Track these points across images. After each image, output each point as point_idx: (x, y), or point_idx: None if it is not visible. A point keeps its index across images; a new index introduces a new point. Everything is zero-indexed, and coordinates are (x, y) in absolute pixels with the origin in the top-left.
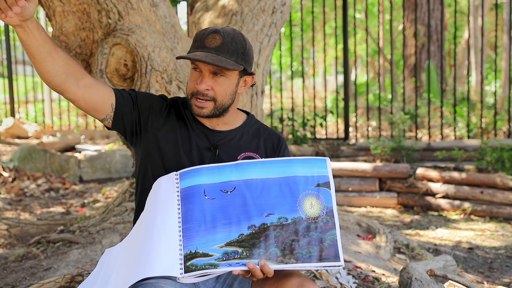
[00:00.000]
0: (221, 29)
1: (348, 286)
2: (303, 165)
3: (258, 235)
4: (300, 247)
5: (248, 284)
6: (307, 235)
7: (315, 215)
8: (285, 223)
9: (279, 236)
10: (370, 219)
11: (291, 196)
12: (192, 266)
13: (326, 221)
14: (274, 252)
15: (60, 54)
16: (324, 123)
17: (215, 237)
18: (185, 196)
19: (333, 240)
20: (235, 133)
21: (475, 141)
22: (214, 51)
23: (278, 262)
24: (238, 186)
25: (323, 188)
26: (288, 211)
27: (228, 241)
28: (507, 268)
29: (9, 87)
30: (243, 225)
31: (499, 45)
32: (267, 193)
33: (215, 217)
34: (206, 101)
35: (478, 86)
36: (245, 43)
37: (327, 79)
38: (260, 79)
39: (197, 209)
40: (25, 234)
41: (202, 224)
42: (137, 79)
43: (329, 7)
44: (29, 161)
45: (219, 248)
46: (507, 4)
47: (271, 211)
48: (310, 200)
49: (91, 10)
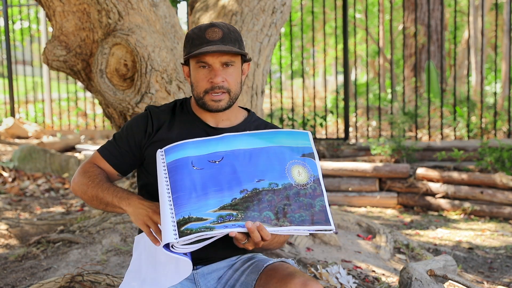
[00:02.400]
0: (214, 22)
1: (348, 286)
2: (287, 137)
3: (251, 198)
4: (293, 211)
5: (251, 285)
6: (298, 200)
7: (304, 182)
8: (276, 188)
9: (272, 200)
10: (370, 219)
11: (279, 164)
12: (187, 230)
13: (314, 188)
14: (268, 215)
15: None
16: (324, 123)
17: (207, 202)
18: (172, 168)
19: (322, 206)
20: (236, 130)
21: (475, 141)
22: (220, 42)
23: (273, 225)
24: (225, 156)
25: (308, 158)
26: (278, 178)
27: (222, 205)
28: (507, 268)
29: (9, 87)
30: (235, 190)
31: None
32: (256, 161)
33: (205, 185)
34: (222, 93)
35: (478, 86)
36: (239, 32)
37: (327, 79)
38: (260, 79)
39: (186, 179)
40: (25, 234)
41: (193, 192)
42: (137, 79)
43: (329, 7)
44: (29, 161)
45: (213, 212)
46: (507, 4)
47: (261, 177)
48: (297, 168)
49: (91, 10)
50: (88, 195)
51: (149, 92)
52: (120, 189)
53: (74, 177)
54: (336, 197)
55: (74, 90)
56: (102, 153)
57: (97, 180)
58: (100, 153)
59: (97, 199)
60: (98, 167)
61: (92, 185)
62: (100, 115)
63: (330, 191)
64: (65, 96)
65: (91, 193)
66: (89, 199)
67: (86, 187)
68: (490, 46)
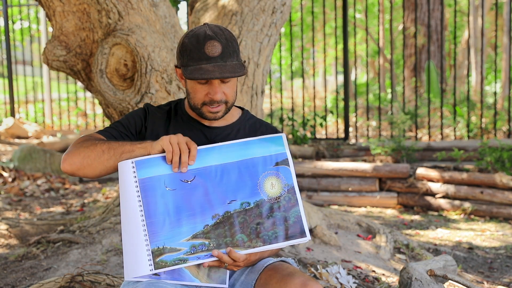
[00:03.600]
0: (211, 33)
1: (348, 286)
2: (260, 145)
3: (223, 224)
4: (266, 229)
5: (250, 285)
6: (271, 216)
7: (277, 195)
8: (248, 207)
9: (244, 221)
10: (370, 219)
11: (251, 179)
12: (162, 262)
13: (289, 199)
14: (241, 238)
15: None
16: (324, 123)
17: (180, 230)
18: (144, 187)
19: (297, 216)
20: (231, 129)
21: (475, 141)
22: (220, 59)
23: (246, 247)
24: (197, 174)
25: (282, 166)
26: (250, 195)
27: (194, 233)
28: (507, 268)
29: (9, 87)
30: (207, 215)
31: (499, 45)
32: (227, 179)
33: (178, 209)
34: (220, 106)
35: (478, 86)
36: (234, 36)
37: (327, 79)
38: (260, 79)
39: (160, 202)
40: (25, 234)
41: (167, 218)
42: (137, 79)
43: (329, 7)
44: (29, 161)
45: (186, 242)
46: (507, 4)
47: (233, 198)
48: (271, 180)
49: (91, 10)
50: (96, 152)
51: (149, 92)
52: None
53: (68, 151)
54: (336, 197)
55: (74, 90)
56: (103, 134)
57: (104, 140)
58: (100, 134)
59: (110, 150)
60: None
61: (101, 142)
62: (100, 115)
63: (330, 191)
64: (65, 96)
65: (100, 148)
66: (97, 156)
67: (93, 146)
68: (490, 46)
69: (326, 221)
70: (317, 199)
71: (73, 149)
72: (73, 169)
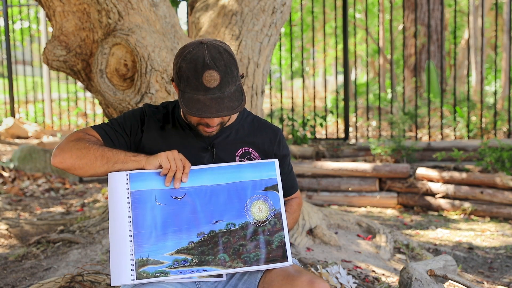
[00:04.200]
0: (210, 60)
1: (348, 286)
2: (252, 170)
3: (207, 242)
4: (248, 251)
5: (254, 285)
6: (255, 239)
7: (263, 219)
8: (233, 229)
9: (227, 242)
10: (370, 219)
11: (239, 202)
12: (144, 273)
13: (274, 223)
14: (223, 257)
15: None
16: (324, 123)
17: (165, 244)
18: (135, 200)
19: (281, 241)
20: (230, 130)
21: (475, 141)
22: (218, 90)
23: (227, 267)
24: (188, 193)
25: (271, 191)
26: (236, 217)
27: (178, 248)
28: (507, 268)
29: (9, 87)
30: (193, 232)
31: (499, 45)
32: (216, 200)
33: (165, 223)
34: (215, 127)
35: (478, 86)
36: (232, 55)
37: (327, 79)
38: (260, 79)
39: (149, 215)
40: (25, 234)
41: (153, 231)
42: (137, 79)
43: (329, 7)
44: (29, 161)
45: (170, 256)
46: (507, 4)
47: (219, 218)
48: (258, 204)
49: (91, 10)
50: (89, 157)
51: (149, 92)
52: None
53: (61, 146)
54: (336, 197)
55: (74, 90)
56: (98, 131)
57: (99, 143)
58: (95, 130)
59: (104, 158)
60: (93, 136)
61: (95, 147)
62: (100, 115)
63: (330, 191)
64: (65, 96)
65: (94, 154)
66: (90, 161)
67: (86, 150)
68: (490, 46)
69: (326, 221)
70: (317, 199)
71: (66, 147)
72: (63, 167)
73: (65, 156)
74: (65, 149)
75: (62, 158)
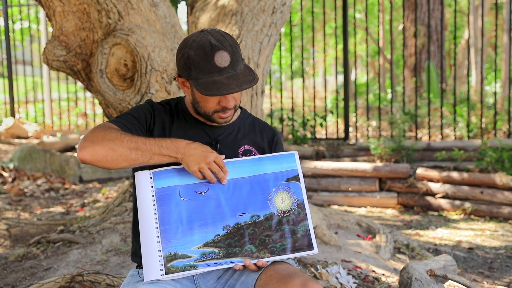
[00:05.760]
0: (216, 42)
1: (348, 286)
2: (273, 162)
3: (233, 235)
4: (274, 241)
5: (250, 286)
6: (280, 229)
7: (287, 209)
8: (258, 220)
9: (253, 233)
10: (370, 219)
11: (262, 194)
12: (173, 268)
13: (298, 213)
14: (250, 249)
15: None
16: (324, 123)
17: (192, 238)
18: (160, 197)
19: (305, 230)
20: (232, 128)
21: (475, 141)
22: (230, 69)
23: (254, 257)
24: (211, 187)
25: (293, 181)
26: (260, 209)
27: (205, 242)
28: (507, 268)
29: (9, 87)
30: (218, 226)
31: (499, 45)
32: (239, 193)
33: (191, 218)
34: (230, 111)
35: (478, 86)
36: (234, 39)
37: (327, 79)
38: (260, 79)
39: (174, 211)
40: (25, 234)
41: (180, 226)
42: (137, 79)
43: (329, 7)
44: (29, 161)
45: (197, 249)
46: (507, 4)
47: (243, 211)
48: (281, 195)
49: (91, 10)
50: (123, 149)
51: (149, 92)
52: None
53: (89, 138)
54: (336, 197)
55: (74, 90)
56: (118, 125)
57: (129, 133)
58: (115, 124)
59: (138, 151)
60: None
61: (127, 138)
62: (100, 115)
63: (330, 191)
64: (65, 96)
65: (127, 146)
66: (122, 153)
67: (120, 141)
68: (490, 46)
69: (326, 221)
70: (317, 199)
71: (96, 139)
72: (93, 159)
73: (96, 148)
74: (95, 141)
75: (93, 150)
